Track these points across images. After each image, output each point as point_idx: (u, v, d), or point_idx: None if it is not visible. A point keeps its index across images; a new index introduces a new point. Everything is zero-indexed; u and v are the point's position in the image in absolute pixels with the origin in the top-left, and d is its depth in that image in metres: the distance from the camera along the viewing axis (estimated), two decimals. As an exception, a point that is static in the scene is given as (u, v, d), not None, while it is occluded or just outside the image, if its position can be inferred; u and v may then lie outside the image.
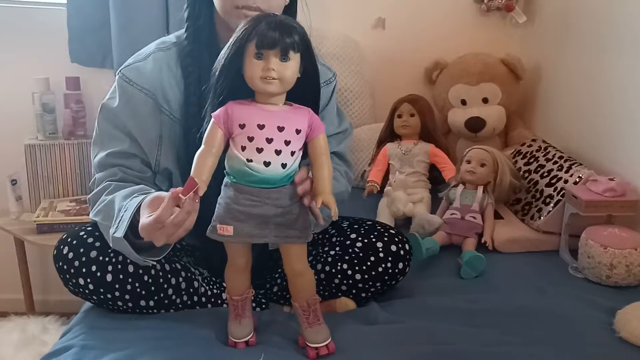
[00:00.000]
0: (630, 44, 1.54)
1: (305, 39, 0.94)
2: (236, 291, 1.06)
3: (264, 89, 0.92)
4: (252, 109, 0.94)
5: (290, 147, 0.94)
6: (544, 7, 2.02)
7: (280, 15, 0.94)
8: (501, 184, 1.61)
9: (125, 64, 1.19)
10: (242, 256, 1.03)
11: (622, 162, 1.56)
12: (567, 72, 1.86)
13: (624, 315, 1.15)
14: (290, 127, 0.94)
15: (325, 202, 0.94)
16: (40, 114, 1.92)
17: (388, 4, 2.08)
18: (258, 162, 0.93)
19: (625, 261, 1.32)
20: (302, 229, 0.98)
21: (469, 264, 1.39)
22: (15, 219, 1.90)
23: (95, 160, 1.18)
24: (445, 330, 1.12)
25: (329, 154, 0.99)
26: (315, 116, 0.97)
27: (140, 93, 1.16)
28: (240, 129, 0.93)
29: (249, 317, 1.07)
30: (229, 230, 0.95)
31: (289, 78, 0.93)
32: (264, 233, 0.96)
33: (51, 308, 2.03)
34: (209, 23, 1.18)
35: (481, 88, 1.95)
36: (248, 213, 0.94)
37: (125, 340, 1.05)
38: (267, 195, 0.94)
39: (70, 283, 1.12)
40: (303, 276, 1.03)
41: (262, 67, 0.91)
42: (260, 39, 0.90)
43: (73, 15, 1.92)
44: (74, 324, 1.14)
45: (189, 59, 1.17)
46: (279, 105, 0.95)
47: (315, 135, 0.96)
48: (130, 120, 1.16)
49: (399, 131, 1.81)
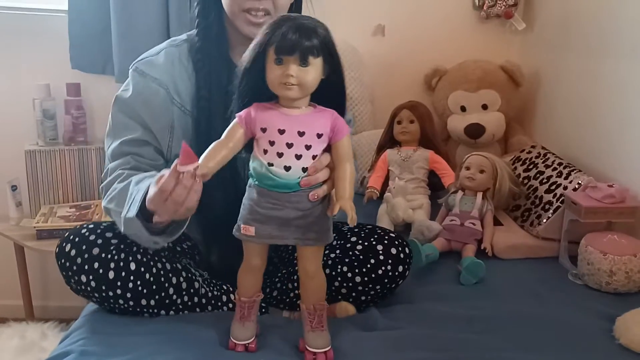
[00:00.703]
0: (630, 50, 1.55)
1: (326, 42, 0.92)
2: (246, 292, 1.06)
3: (284, 94, 0.93)
4: (274, 113, 0.94)
5: (311, 152, 0.94)
6: (543, 14, 2.03)
7: (302, 18, 0.93)
8: (500, 191, 1.61)
9: (138, 59, 1.23)
10: (258, 256, 1.03)
11: (621, 168, 1.56)
12: (566, 78, 1.87)
13: (624, 322, 1.15)
14: (311, 131, 0.94)
15: (343, 207, 0.93)
16: (41, 119, 1.93)
17: (388, 11, 2.08)
18: (279, 167, 0.94)
19: (624, 268, 1.32)
20: (321, 232, 0.98)
21: (469, 270, 1.39)
22: (15, 225, 1.90)
23: (108, 150, 1.20)
24: (444, 336, 1.12)
25: (352, 157, 0.98)
26: (339, 119, 0.96)
27: (153, 84, 1.19)
28: (262, 132, 0.94)
29: (253, 321, 1.07)
30: (251, 231, 0.97)
31: (309, 83, 0.92)
32: (284, 235, 0.97)
33: (50, 314, 2.03)
34: (218, 21, 1.21)
35: (480, 95, 1.96)
36: (269, 215, 0.96)
37: (124, 346, 1.05)
38: (287, 199, 0.95)
39: (72, 280, 1.12)
40: (315, 279, 1.03)
41: (282, 73, 0.91)
42: (280, 44, 0.90)
43: (74, 22, 1.93)
44: (73, 329, 1.14)
45: (199, 54, 1.20)
46: (302, 109, 0.95)
47: (339, 139, 0.96)
48: (143, 109, 1.18)
49: (399, 137, 1.82)
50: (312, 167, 0.95)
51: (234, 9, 1.16)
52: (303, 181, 0.95)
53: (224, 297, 1.23)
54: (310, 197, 0.96)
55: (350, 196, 0.94)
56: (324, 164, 0.97)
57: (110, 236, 1.12)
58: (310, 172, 0.95)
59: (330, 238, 1.00)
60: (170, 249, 1.23)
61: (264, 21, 1.14)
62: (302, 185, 0.95)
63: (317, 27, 0.92)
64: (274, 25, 0.92)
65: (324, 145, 0.96)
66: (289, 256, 1.30)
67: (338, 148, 0.96)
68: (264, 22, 1.13)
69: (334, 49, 0.94)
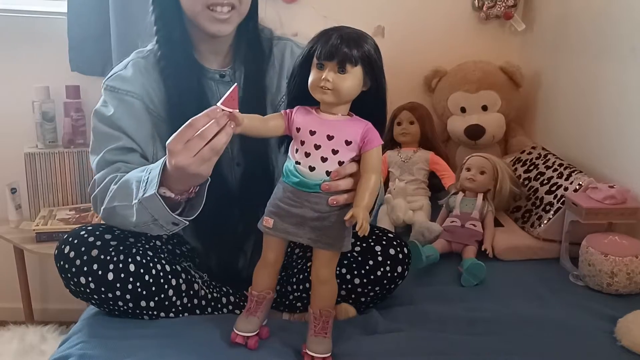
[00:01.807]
0: (629, 51, 1.54)
1: (368, 55, 0.96)
2: (258, 286, 1.07)
3: (319, 97, 0.96)
4: (311, 116, 0.98)
5: (337, 157, 0.97)
6: (542, 14, 2.03)
7: (350, 28, 0.97)
8: (501, 192, 1.61)
9: (107, 76, 1.22)
10: (273, 251, 1.05)
11: (622, 169, 1.56)
12: (566, 79, 1.86)
13: (625, 323, 1.14)
14: (340, 137, 0.97)
15: (355, 215, 0.93)
16: (40, 122, 1.92)
17: (387, 12, 2.08)
18: (304, 166, 0.98)
19: (626, 269, 1.31)
20: (336, 238, 1.00)
21: (469, 271, 1.39)
22: (15, 228, 1.90)
23: (94, 163, 1.19)
24: (445, 339, 1.12)
25: (379, 170, 0.99)
26: (372, 130, 0.98)
27: (126, 97, 1.19)
28: (297, 132, 0.98)
29: (258, 317, 1.07)
30: (270, 223, 1.01)
31: (344, 90, 0.95)
32: (299, 233, 1.00)
33: (50, 317, 2.03)
34: (179, 24, 1.19)
35: (480, 96, 1.96)
36: (288, 211, 0.99)
37: (123, 349, 1.05)
38: (306, 198, 0.98)
39: (71, 282, 1.11)
40: (326, 284, 1.05)
41: (319, 77, 0.94)
42: (322, 49, 0.94)
43: (73, 24, 1.93)
44: (72, 332, 1.14)
45: (163, 61, 1.19)
46: (338, 115, 0.98)
47: (368, 149, 0.97)
48: (124, 120, 1.18)
49: (399, 139, 1.82)
50: (336, 171, 0.97)
51: (196, 7, 1.13)
52: (324, 185, 0.97)
53: (224, 299, 1.23)
54: (329, 202, 0.98)
55: (367, 206, 0.95)
56: (348, 171, 0.98)
57: (109, 238, 1.12)
58: (333, 177, 0.97)
59: (345, 247, 1.01)
60: (170, 251, 1.23)
61: (230, 17, 1.14)
62: (323, 189, 0.97)
63: (362, 38, 0.96)
64: (324, 32, 0.97)
65: (353, 154, 0.98)
66: (288, 257, 1.30)
67: (366, 158, 0.97)
68: (229, 18, 1.14)
69: (376, 62, 0.97)
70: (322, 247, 1.00)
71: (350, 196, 0.98)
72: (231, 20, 1.15)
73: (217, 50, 1.24)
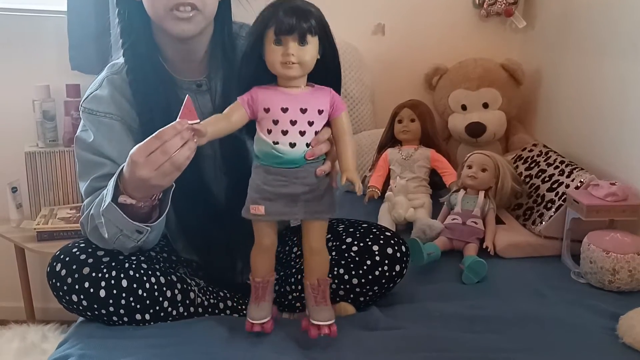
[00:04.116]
0: (631, 47, 1.54)
1: (321, 22, 0.98)
2: (259, 272, 1.07)
3: (285, 73, 0.97)
4: (276, 93, 0.99)
5: (313, 128, 0.99)
6: (543, 11, 2.02)
7: (297, 1, 0.97)
8: (502, 189, 1.61)
9: (83, 97, 1.20)
10: (268, 236, 1.05)
11: (623, 166, 1.55)
12: (567, 76, 1.86)
13: (627, 320, 1.14)
14: (313, 108, 0.99)
15: (349, 179, 0.98)
16: (41, 121, 1.93)
17: (387, 10, 2.08)
18: (284, 144, 0.98)
19: (627, 266, 1.31)
20: (329, 204, 1.03)
21: (471, 269, 1.38)
22: (16, 227, 1.90)
23: (82, 190, 1.18)
24: (446, 336, 1.11)
25: (352, 132, 1.02)
26: (336, 96, 1.01)
27: (105, 119, 1.16)
28: (266, 112, 0.98)
29: (268, 301, 1.07)
30: (261, 210, 1.00)
31: (308, 61, 0.97)
32: (293, 210, 1.01)
33: (51, 316, 2.03)
34: (145, 34, 1.16)
35: (481, 93, 1.95)
36: (278, 193, 0.99)
37: (123, 349, 1.05)
38: (294, 175, 0.99)
39: (64, 300, 1.11)
40: (319, 254, 1.06)
41: (282, 53, 0.95)
42: (279, 25, 0.94)
43: (73, 23, 1.93)
44: (72, 332, 1.14)
45: (131, 75, 1.16)
46: (301, 88, 1.00)
47: (338, 115, 1.01)
48: (106, 145, 1.15)
49: (400, 136, 1.81)
50: (315, 139, 0.99)
51: (159, 11, 1.09)
52: (308, 153, 0.99)
53: (221, 304, 1.22)
54: (317, 173, 1.00)
55: (354, 167, 0.99)
56: (326, 137, 1.01)
57: (102, 254, 1.11)
58: (313, 144, 0.99)
59: (335, 210, 1.04)
60: (166, 259, 1.22)
61: (193, 15, 1.10)
62: (307, 157, 0.99)
63: (310, 7, 0.97)
64: (270, 8, 0.96)
65: (324, 121, 1.01)
66: (286, 257, 1.30)
67: (337, 123, 1.01)
68: (193, 17, 1.10)
69: (328, 28, 0.99)
70: (317, 217, 1.03)
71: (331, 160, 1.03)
72: (194, 20, 1.10)
73: (191, 59, 1.19)
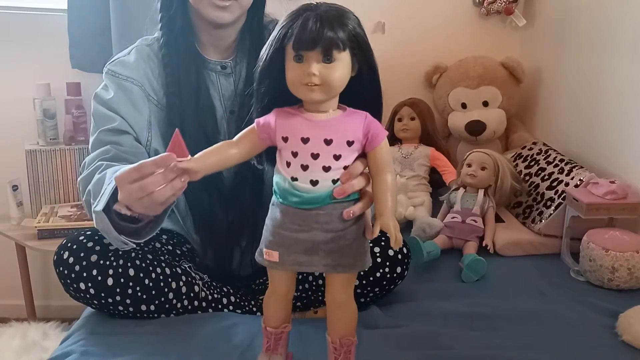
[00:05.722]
0: (631, 45, 1.54)
1: (354, 33, 0.79)
2: (272, 321, 0.93)
3: (306, 96, 0.79)
4: (297, 120, 0.81)
5: (341, 162, 0.81)
6: (543, 10, 2.02)
7: (325, 5, 0.79)
8: (502, 187, 1.61)
9: (110, 60, 1.23)
10: (284, 284, 0.90)
11: (623, 164, 1.55)
12: (567, 74, 1.86)
13: (627, 318, 1.14)
14: (340, 139, 0.80)
15: (384, 227, 0.80)
16: (41, 119, 1.92)
17: (387, 8, 2.08)
18: (303, 181, 0.81)
19: (627, 264, 1.31)
20: (356, 256, 0.84)
21: (470, 267, 1.39)
22: (16, 225, 1.90)
23: (90, 144, 1.19)
24: (446, 334, 1.12)
25: (392, 167, 0.84)
26: (373, 122, 0.82)
27: (126, 82, 1.19)
28: (284, 142, 0.81)
29: (281, 354, 0.94)
30: (275, 256, 0.84)
31: (335, 82, 0.79)
32: (312, 261, 0.83)
33: (52, 314, 2.03)
34: (182, 13, 1.20)
35: (481, 91, 1.95)
36: (294, 238, 0.82)
37: (125, 346, 1.05)
38: (314, 219, 0.82)
39: (71, 288, 1.11)
40: (343, 308, 0.89)
41: (302, 72, 0.78)
42: (298, 38, 0.77)
43: (74, 21, 1.92)
44: (74, 329, 1.14)
45: (164, 49, 1.20)
46: (329, 113, 0.81)
47: (375, 145, 0.82)
48: (121, 105, 1.18)
49: (400, 135, 1.81)
50: (346, 173, 0.82)
51: None
52: (337, 190, 0.81)
53: (225, 299, 1.23)
54: (344, 216, 0.82)
55: (392, 211, 0.81)
56: (359, 170, 0.83)
57: (109, 242, 1.10)
58: (343, 180, 0.81)
59: (366, 264, 0.86)
60: (170, 252, 1.23)
61: (230, 4, 1.13)
62: (336, 195, 0.81)
63: (342, 15, 0.79)
64: (291, 15, 0.79)
65: (357, 154, 0.83)
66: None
67: (375, 156, 0.82)
68: (230, 6, 1.13)
69: (364, 40, 0.81)
70: (341, 271, 0.84)
71: (366, 202, 0.84)
72: (231, 9, 1.15)
73: (220, 43, 1.24)
